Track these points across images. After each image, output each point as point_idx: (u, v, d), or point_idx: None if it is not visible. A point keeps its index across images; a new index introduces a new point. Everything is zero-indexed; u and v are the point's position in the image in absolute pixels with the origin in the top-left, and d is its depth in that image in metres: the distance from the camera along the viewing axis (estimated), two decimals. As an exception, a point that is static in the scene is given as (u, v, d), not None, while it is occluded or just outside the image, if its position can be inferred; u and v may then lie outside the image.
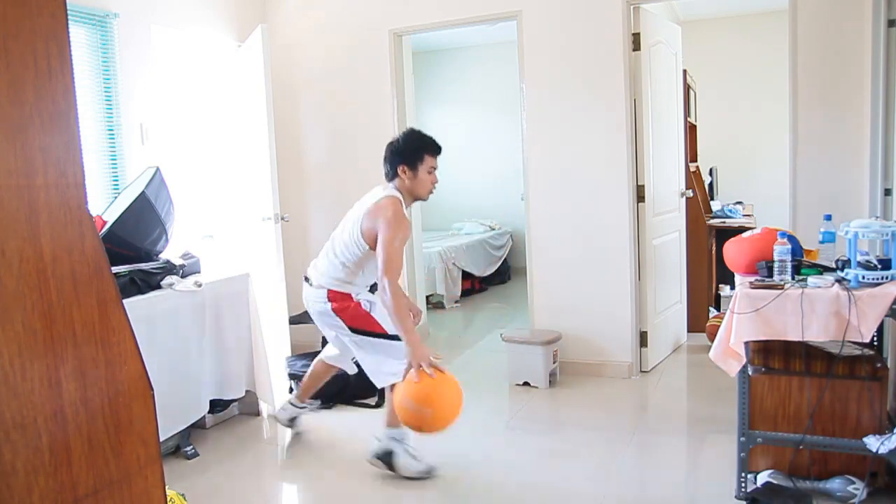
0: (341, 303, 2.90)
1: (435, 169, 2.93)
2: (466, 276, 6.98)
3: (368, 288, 3.01)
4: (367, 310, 2.91)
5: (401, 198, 2.86)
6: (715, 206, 5.74)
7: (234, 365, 3.49)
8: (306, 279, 3.04)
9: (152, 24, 3.94)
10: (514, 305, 6.55)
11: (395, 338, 2.85)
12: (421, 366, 2.57)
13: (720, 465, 2.88)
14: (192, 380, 3.22)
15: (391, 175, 2.92)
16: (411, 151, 2.88)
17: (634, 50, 4.03)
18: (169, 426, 3.06)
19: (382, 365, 2.88)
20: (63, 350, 1.24)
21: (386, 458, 2.93)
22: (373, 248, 2.81)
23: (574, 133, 4.11)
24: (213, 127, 4.53)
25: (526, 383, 4.05)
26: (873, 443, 2.32)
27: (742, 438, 2.54)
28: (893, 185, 3.15)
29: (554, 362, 4.06)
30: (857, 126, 3.45)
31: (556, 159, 4.17)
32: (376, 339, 2.90)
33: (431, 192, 2.96)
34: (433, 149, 2.92)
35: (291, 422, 3.40)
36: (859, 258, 2.36)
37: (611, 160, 4.03)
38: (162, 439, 2.94)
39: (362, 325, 2.91)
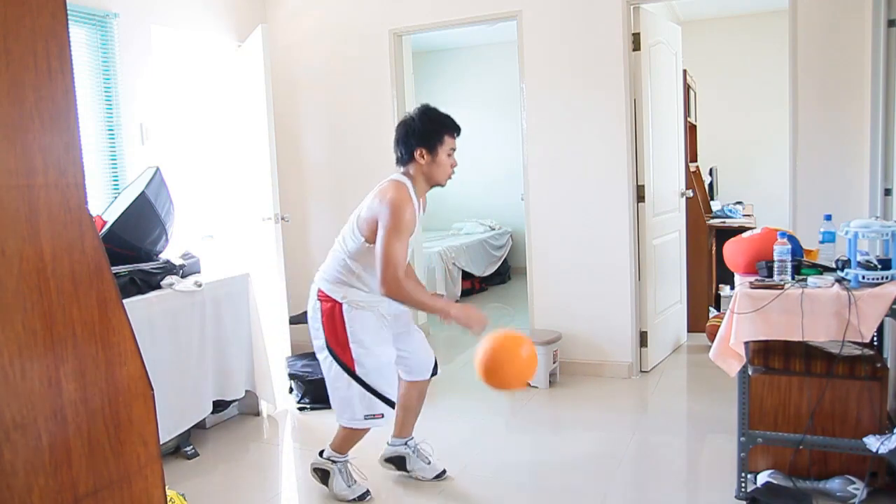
0: (329, 304, 2.60)
1: (454, 151, 2.62)
2: (466, 276, 6.98)
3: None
4: (347, 320, 2.56)
5: (408, 183, 2.54)
6: (715, 206, 5.74)
7: (235, 365, 3.49)
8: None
9: (152, 25, 3.94)
10: (514, 305, 6.54)
11: (363, 384, 2.56)
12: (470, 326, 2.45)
13: (720, 465, 2.88)
14: (192, 380, 3.22)
15: (405, 159, 2.59)
16: (430, 132, 2.55)
17: (634, 50, 4.03)
18: (170, 427, 3.06)
19: (344, 405, 2.60)
20: (63, 350, 1.24)
21: (397, 462, 2.92)
22: (371, 242, 2.50)
23: (574, 133, 4.10)
24: (213, 127, 4.53)
25: (526, 383, 4.04)
26: (873, 443, 2.32)
27: (742, 438, 2.54)
28: (893, 185, 3.15)
29: (554, 362, 4.06)
30: (857, 126, 3.45)
31: (556, 159, 4.17)
32: (344, 375, 2.57)
33: (450, 177, 2.65)
34: (453, 128, 2.60)
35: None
36: (859, 258, 2.35)
37: (611, 160, 4.03)
38: (164, 441, 2.96)
39: (337, 350, 2.58)
